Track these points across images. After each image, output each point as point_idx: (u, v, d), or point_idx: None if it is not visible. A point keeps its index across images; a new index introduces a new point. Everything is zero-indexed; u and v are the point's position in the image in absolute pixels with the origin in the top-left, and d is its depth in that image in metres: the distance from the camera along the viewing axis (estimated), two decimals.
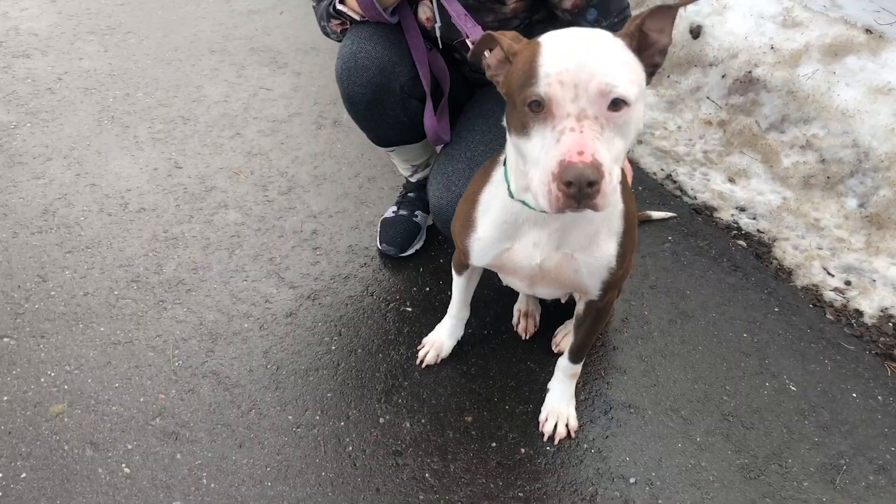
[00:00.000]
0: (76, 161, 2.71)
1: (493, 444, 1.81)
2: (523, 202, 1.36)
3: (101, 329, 2.06)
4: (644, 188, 2.68)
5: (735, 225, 2.55)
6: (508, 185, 1.38)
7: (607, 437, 1.83)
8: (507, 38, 1.21)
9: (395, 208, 2.38)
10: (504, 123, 1.26)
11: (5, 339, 2.00)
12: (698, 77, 3.18)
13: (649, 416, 1.89)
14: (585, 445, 1.81)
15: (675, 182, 2.75)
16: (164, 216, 2.47)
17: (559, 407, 1.84)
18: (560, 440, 1.81)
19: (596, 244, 1.41)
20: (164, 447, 1.76)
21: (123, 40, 3.55)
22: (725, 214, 2.59)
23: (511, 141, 1.20)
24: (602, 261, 1.43)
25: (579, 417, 1.87)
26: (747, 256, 2.39)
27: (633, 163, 2.84)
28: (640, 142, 2.96)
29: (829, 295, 2.29)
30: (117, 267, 2.26)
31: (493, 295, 2.18)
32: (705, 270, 2.32)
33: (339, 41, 2.03)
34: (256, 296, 2.18)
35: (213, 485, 1.69)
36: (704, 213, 2.59)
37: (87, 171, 2.66)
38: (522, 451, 1.80)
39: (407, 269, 2.30)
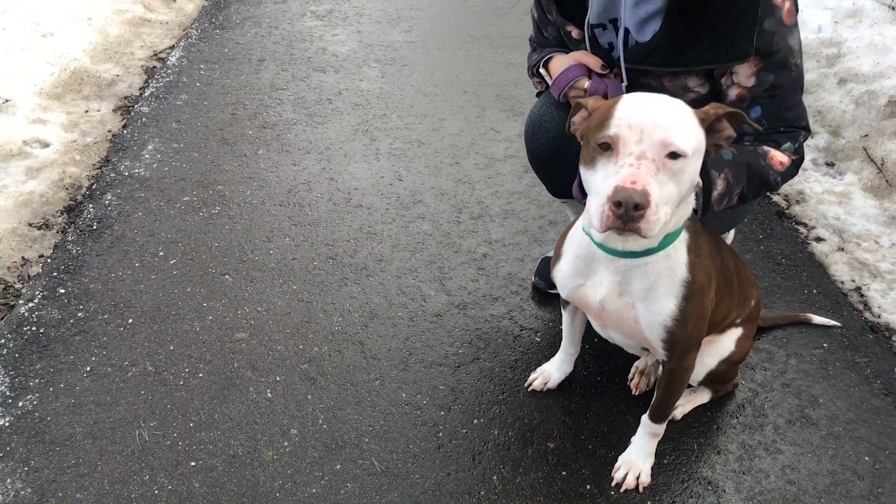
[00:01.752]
0: (326, 158, 3.31)
1: (564, 473, 1.95)
2: (589, 235, 1.55)
3: (294, 287, 2.55)
4: (821, 293, 2.59)
5: None
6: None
7: (674, 502, 1.88)
8: (591, 101, 1.44)
9: None
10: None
11: (226, 276, 2.58)
12: None
13: (726, 498, 1.89)
14: (649, 502, 1.88)
15: (862, 296, 2.61)
16: (374, 215, 2.94)
17: (635, 460, 1.93)
18: (626, 490, 1.90)
19: (653, 297, 1.54)
20: (301, 387, 2.17)
21: (399, 71, 4.20)
22: None
23: (581, 174, 1.41)
24: (658, 316, 1.55)
25: (654, 477, 1.93)
26: None
27: (824, 267, 2.75)
28: (840, 248, 2.84)
29: None
30: (324, 245, 2.76)
31: (617, 349, 2.30)
32: (851, 385, 2.21)
33: (538, 95, 2.34)
34: (417, 293, 2.54)
35: (325, 426, 2.05)
36: (881, 332, 2.44)
37: (332, 168, 3.24)
38: (588, 487, 1.92)
39: (550, 306, 2.50)
